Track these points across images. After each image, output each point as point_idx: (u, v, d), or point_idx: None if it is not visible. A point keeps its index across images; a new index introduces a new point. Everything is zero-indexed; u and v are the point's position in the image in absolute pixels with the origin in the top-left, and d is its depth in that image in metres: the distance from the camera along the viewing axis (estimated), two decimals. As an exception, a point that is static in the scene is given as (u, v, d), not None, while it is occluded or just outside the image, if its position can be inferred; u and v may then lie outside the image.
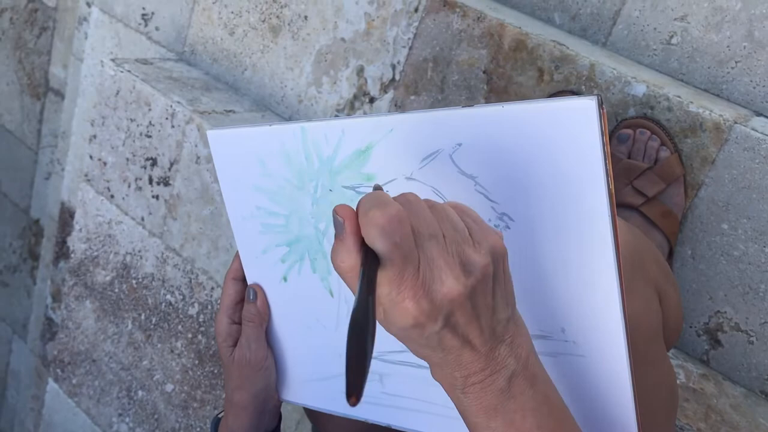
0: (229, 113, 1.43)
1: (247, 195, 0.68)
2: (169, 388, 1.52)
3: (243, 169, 0.67)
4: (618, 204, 1.06)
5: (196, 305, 1.44)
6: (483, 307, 0.44)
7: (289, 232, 0.67)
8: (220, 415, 0.77)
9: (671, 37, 1.19)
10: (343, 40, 1.36)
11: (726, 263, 1.06)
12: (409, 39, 1.27)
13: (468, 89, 1.23)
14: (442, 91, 1.25)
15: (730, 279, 1.06)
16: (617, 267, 0.51)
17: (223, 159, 0.69)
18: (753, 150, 1.01)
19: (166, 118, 1.41)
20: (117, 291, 1.57)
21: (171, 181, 1.43)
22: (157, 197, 1.46)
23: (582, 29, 1.29)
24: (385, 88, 1.32)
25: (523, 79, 1.17)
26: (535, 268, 0.54)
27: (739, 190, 1.03)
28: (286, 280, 0.70)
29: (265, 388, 0.74)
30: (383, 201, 0.42)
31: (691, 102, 1.06)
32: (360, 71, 1.34)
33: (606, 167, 0.48)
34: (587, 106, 0.47)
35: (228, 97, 1.50)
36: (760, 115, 1.10)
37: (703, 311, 1.09)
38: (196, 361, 1.46)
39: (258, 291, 0.72)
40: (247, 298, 0.73)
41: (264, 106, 1.50)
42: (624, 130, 1.08)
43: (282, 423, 0.80)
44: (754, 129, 1.02)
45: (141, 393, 1.57)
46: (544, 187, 0.51)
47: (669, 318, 0.71)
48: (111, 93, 1.49)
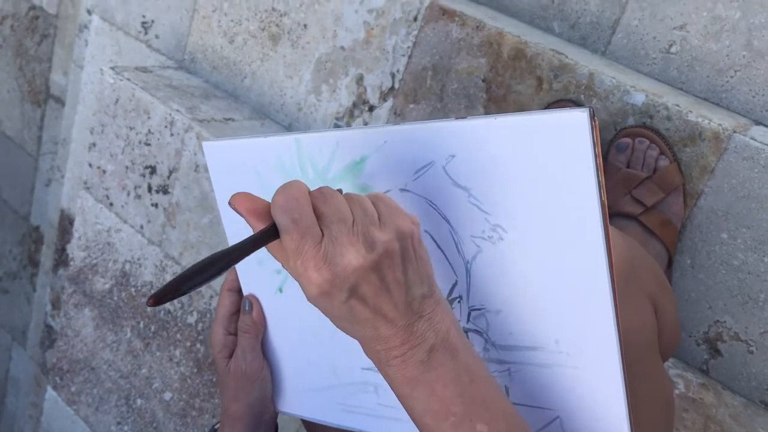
0: (228, 121, 1.43)
1: None
2: (167, 396, 1.52)
3: (239, 180, 0.67)
4: (617, 213, 1.06)
5: (195, 314, 1.44)
6: (393, 282, 0.48)
7: None
8: (216, 426, 0.77)
9: (670, 46, 1.19)
10: (342, 48, 1.36)
11: (725, 272, 1.06)
12: (408, 48, 1.27)
13: (467, 98, 1.23)
14: (441, 99, 1.25)
15: (729, 288, 1.06)
16: (610, 278, 0.51)
17: (218, 170, 0.69)
18: (752, 159, 1.01)
19: (165, 126, 1.41)
20: (116, 299, 1.57)
21: (170, 190, 1.43)
22: (156, 205, 1.46)
23: (581, 38, 1.29)
24: (384, 97, 1.32)
25: (522, 88, 1.17)
26: (528, 279, 0.54)
27: (738, 199, 1.03)
28: (281, 291, 0.70)
29: (260, 399, 0.74)
30: (287, 186, 0.48)
31: (691, 111, 1.06)
32: (359, 80, 1.35)
33: (598, 179, 0.48)
34: (579, 118, 0.47)
35: (227, 105, 1.50)
36: (759, 124, 1.10)
37: (702, 320, 1.09)
38: (195, 370, 1.45)
39: (254, 302, 0.72)
40: (242, 309, 0.73)
41: (263, 114, 1.50)
42: (623, 139, 1.07)
43: (278, 434, 0.79)
44: (753, 138, 1.02)
45: (140, 401, 1.57)
46: (537, 199, 0.51)
47: (664, 329, 0.71)
48: (110, 101, 1.49)
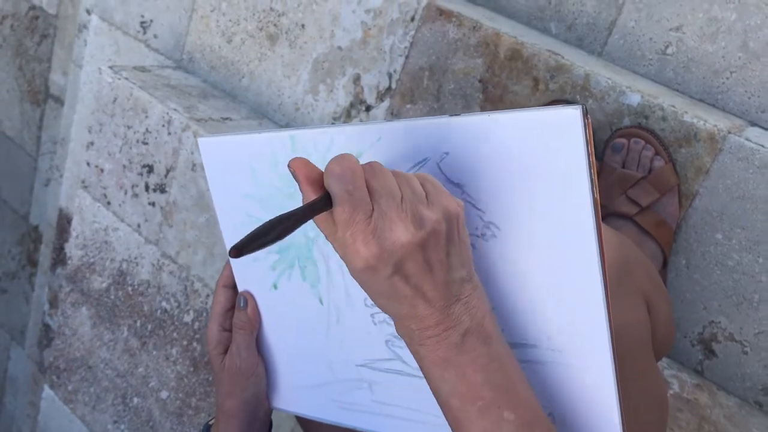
0: (225, 120, 1.43)
1: (238, 202, 0.68)
2: (164, 395, 1.52)
3: (234, 177, 0.67)
4: (612, 213, 1.06)
5: (192, 312, 1.44)
6: (436, 262, 0.48)
7: None
8: (210, 422, 0.77)
9: (666, 47, 1.20)
10: (339, 48, 1.36)
11: (720, 273, 1.06)
12: (405, 48, 1.28)
13: (464, 98, 1.23)
14: (438, 99, 1.26)
15: (724, 289, 1.06)
16: (602, 275, 0.51)
17: (213, 166, 0.69)
18: (747, 160, 1.01)
19: (163, 126, 1.41)
20: (113, 298, 1.57)
21: (167, 189, 1.43)
22: (153, 204, 1.47)
23: (578, 39, 1.29)
24: (381, 97, 1.32)
25: (519, 89, 1.18)
26: (520, 276, 0.54)
27: (733, 200, 1.03)
28: (276, 287, 0.70)
29: (255, 395, 0.74)
30: (342, 157, 0.48)
31: (686, 112, 1.06)
32: (356, 79, 1.35)
33: (591, 176, 0.49)
34: (571, 115, 0.48)
35: (225, 104, 1.51)
36: (754, 125, 1.10)
37: (697, 321, 1.09)
38: (191, 369, 1.45)
39: (248, 298, 0.72)
40: (237, 305, 0.73)
41: (261, 113, 1.51)
42: (618, 140, 1.08)
43: (274, 431, 0.79)
44: (748, 139, 1.02)
45: (136, 400, 1.57)
46: (530, 196, 0.52)
47: (658, 328, 0.71)
48: (109, 100, 1.50)
